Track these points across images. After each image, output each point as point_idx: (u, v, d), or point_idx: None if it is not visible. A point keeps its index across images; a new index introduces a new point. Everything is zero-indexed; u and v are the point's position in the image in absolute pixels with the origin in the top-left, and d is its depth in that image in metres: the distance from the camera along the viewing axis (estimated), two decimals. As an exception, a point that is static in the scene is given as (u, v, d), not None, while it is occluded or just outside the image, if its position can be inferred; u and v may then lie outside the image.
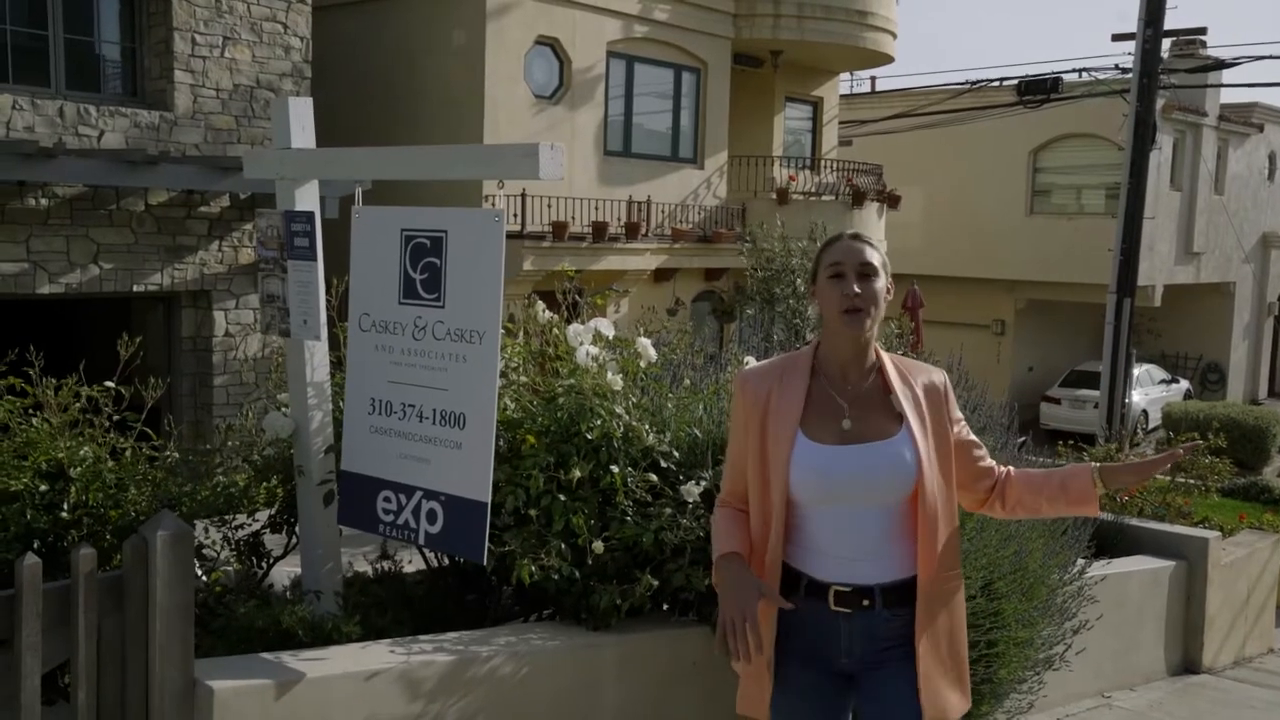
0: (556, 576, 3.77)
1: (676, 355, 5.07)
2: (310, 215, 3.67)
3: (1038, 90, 20.17)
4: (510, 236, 13.45)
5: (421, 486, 3.47)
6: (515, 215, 13.40)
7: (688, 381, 4.47)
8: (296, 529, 4.03)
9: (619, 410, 3.84)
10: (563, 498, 3.82)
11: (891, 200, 18.43)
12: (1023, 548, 4.16)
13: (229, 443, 4.31)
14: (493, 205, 3.14)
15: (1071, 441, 9.33)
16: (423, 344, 3.44)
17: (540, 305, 4.16)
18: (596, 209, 14.50)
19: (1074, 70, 22.11)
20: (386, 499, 3.57)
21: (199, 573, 3.86)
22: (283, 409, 3.96)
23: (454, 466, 3.39)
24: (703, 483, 4.01)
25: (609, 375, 3.75)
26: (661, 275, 15.73)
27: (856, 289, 2.55)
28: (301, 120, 3.66)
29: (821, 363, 2.68)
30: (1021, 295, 24.75)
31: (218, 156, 10.68)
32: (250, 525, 4.14)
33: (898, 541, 2.60)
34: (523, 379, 3.88)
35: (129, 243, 10.64)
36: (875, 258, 2.61)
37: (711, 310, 16.70)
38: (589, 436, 3.79)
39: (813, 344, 2.76)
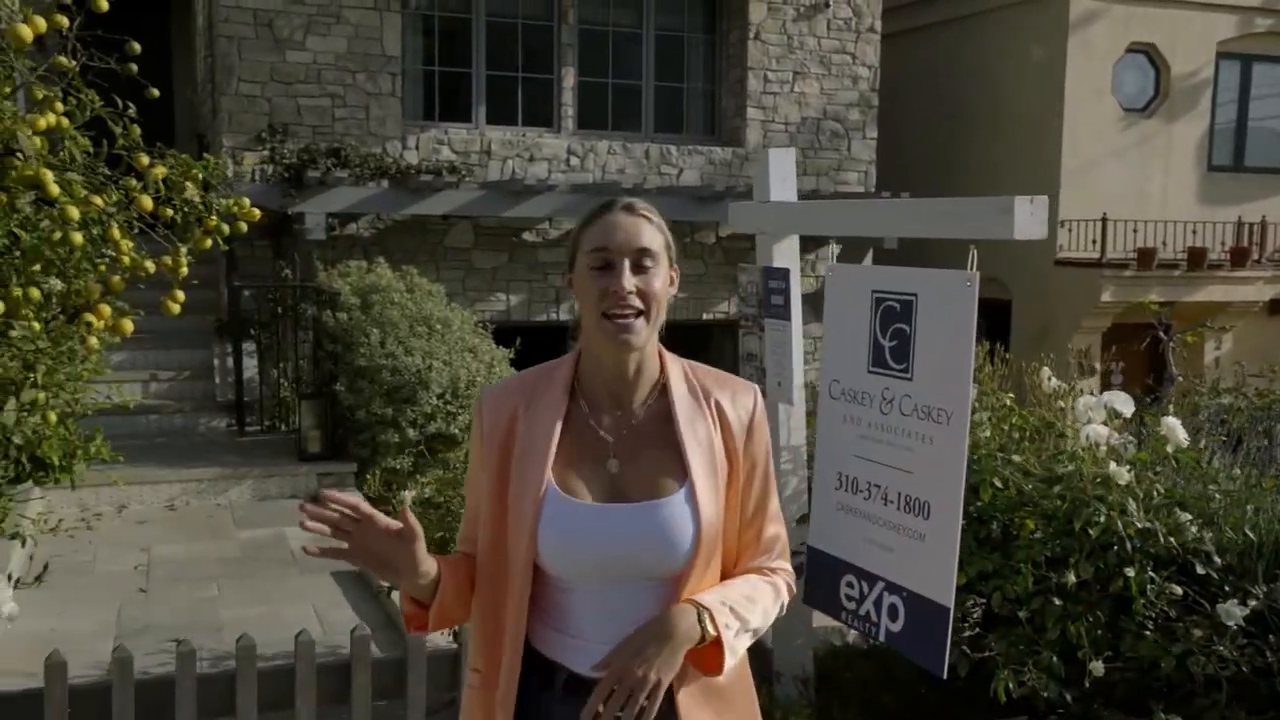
0: (1046, 694, 3.22)
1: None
2: (786, 272, 3.49)
3: None
4: (1086, 265, 12.45)
5: (884, 577, 3.13)
6: (1094, 241, 12.29)
7: (1238, 471, 3.63)
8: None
9: (1131, 506, 3.18)
10: (1058, 601, 3.26)
11: None
12: None
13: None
14: (970, 268, 2.73)
15: None
16: (890, 419, 3.10)
17: (1046, 372, 3.60)
18: (1194, 232, 12.84)
19: None
20: (850, 584, 3.27)
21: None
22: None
23: (917, 560, 3.00)
24: (1251, 601, 3.22)
25: (1112, 466, 3.12)
26: (1277, 308, 13.57)
27: (629, 284, 1.77)
28: (782, 172, 3.48)
29: (583, 382, 1.89)
30: None
31: (782, 190, 10.98)
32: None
33: None
34: (1015, 458, 3.37)
35: (700, 273, 11.30)
36: (656, 240, 1.82)
37: (1343, 349, 14.07)
38: (1090, 532, 3.19)
39: (574, 352, 1.93)
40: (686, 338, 11.83)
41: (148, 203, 3.86)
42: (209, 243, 4.07)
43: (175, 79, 12.24)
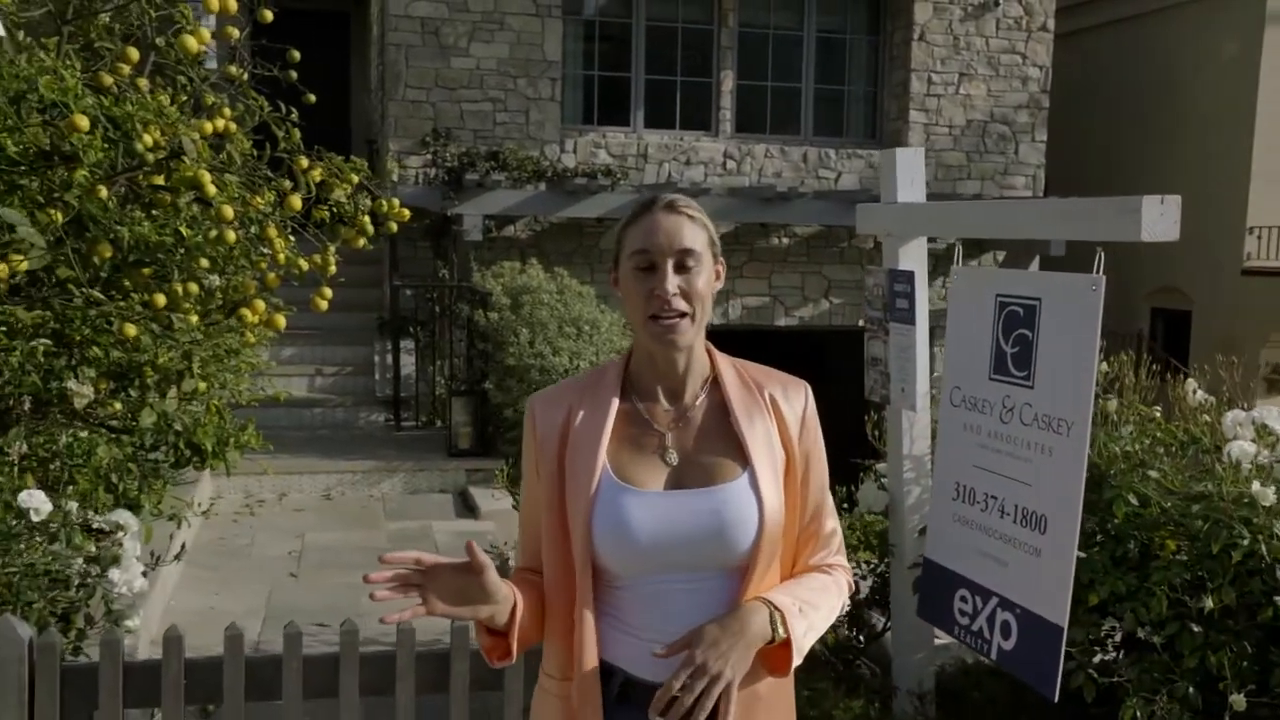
0: (1180, 727, 3.02)
1: None
2: (911, 275, 3.39)
3: None
4: (1278, 274, 11.63)
5: (998, 592, 3.00)
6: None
7: None
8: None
9: (1279, 529, 2.95)
10: (1196, 628, 3.05)
11: None
12: None
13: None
14: (1097, 271, 2.58)
15: None
16: (1009, 428, 2.97)
17: (1191, 384, 3.38)
18: (1403, 240, 11.88)
19: None
20: (963, 599, 3.14)
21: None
22: (881, 480, 3.71)
23: (1031, 576, 2.87)
24: None
25: (1255, 485, 2.90)
26: None
27: (672, 287, 1.76)
28: (910, 172, 3.38)
29: (635, 378, 1.88)
30: None
31: (943, 194, 10.68)
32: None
33: None
34: (1152, 474, 3.16)
35: (857, 279, 11.09)
36: (699, 238, 1.80)
37: None
38: (1231, 556, 2.98)
39: (625, 353, 1.92)
40: (842, 343, 11.65)
41: (297, 203, 4.03)
42: (362, 241, 4.23)
43: (353, 87, 12.79)
